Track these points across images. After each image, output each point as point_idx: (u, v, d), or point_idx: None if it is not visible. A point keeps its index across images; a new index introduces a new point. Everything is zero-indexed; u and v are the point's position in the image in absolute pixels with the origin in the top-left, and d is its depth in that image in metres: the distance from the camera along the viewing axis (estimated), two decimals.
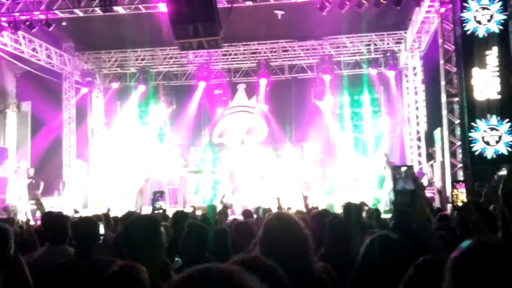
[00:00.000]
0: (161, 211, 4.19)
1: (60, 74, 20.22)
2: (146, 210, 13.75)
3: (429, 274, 2.19)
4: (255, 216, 10.57)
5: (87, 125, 20.96)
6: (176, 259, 4.76)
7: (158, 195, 4.30)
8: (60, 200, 17.35)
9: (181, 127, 20.62)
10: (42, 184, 17.36)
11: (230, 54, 19.96)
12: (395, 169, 2.69)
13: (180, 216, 5.78)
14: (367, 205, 8.06)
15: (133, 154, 19.81)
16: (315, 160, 18.20)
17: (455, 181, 4.66)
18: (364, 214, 7.64)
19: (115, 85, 20.99)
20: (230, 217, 11.82)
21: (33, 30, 15.48)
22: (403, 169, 2.73)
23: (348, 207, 6.47)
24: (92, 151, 20.70)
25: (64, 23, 16.74)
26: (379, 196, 16.06)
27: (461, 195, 4.24)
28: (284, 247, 2.49)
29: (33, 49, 18.06)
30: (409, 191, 2.57)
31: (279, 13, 16.43)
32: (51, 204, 15.46)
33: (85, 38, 19.13)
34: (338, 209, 12.67)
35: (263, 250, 2.56)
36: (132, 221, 3.39)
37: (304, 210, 7.73)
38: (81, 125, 20.75)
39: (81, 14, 15.21)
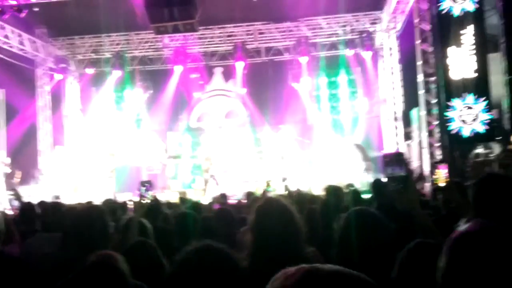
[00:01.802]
0: (148, 200, 4.14)
1: (33, 61, 19.89)
2: (121, 197, 13.76)
3: (421, 257, 2.20)
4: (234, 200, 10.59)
5: (63, 112, 20.70)
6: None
7: (148, 185, 4.22)
8: (38, 188, 17.13)
9: (158, 112, 20.44)
10: (19, 173, 17.11)
11: (206, 38, 19.79)
12: (386, 156, 2.69)
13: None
14: (352, 186, 8.07)
15: (109, 140, 19.63)
16: (294, 142, 18.24)
17: (436, 162, 4.71)
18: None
19: (90, 71, 20.73)
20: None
21: (5, 16, 15.15)
22: (394, 155, 2.74)
23: (328, 190, 6.48)
24: (68, 138, 20.48)
25: (36, 9, 16.41)
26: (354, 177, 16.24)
27: (443, 175, 4.30)
28: (278, 233, 2.48)
29: (5, 36, 17.69)
30: (400, 177, 2.57)
31: None
32: (29, 193, 15.26)
33: (58, 24, 18.78)
34: (317, 191, 12.76)
35: (256, 236, 2.55)
36: (80, 213, 3.44)
37: (283, 193, 7.76)
38: (56, 112, 20.49)
39: None
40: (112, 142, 19.42)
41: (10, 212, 10.44)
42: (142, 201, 4.19)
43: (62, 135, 20.42)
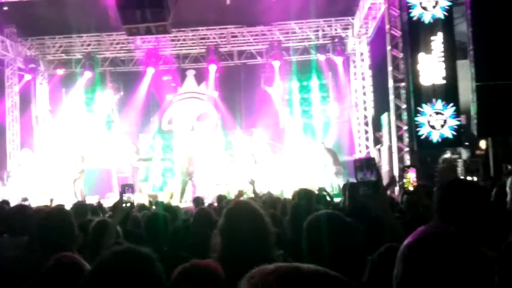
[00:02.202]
0: (128, 204, 4.08)
1: (2, 60, 19.55)
2: (90, 199, 13.65)
3: (392, 262, 2.21)
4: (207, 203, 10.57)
5: (32, 113, 20.37)
6: None
7: (126, 187, 4.16)
8: (5, 190, 16.84)
9: (129, 114, 20.25)
10: None
11: (178, 40, 19.71)
12: (356, 161, 2.70)
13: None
14: (325, 191, 8.13)
15: (78, 142, 19.37)
16: (265, 145, 18.26)
17: (405, 166, 4.78)
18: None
19: (60, 72, 20.46)
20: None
21: None
22: (365, 160, 2.75)
23: (299, 193, 6.51)
24: (37, 139, 20.16)
25: (5, 8, 16.16)
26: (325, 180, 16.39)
27: (411, 180, 4.35)
28: (247, 236, 2.48)
29: None
30: (371, 182, 2.59)
31: None
32: None
33: (28, 23, 18.49)
34: (288, 195, 12.81)
35: (226, 239, 2.55)
36: (46, 215, 3.45)
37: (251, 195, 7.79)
38: (25, 113, 20.13)
39: None
40: (82, 144, 19.17)
41: None
42: (123, 205, 4.14)
43: (31, 136, 20.10)
